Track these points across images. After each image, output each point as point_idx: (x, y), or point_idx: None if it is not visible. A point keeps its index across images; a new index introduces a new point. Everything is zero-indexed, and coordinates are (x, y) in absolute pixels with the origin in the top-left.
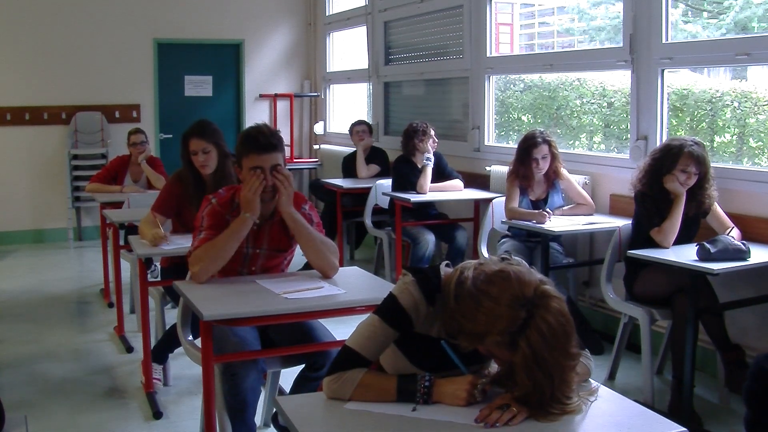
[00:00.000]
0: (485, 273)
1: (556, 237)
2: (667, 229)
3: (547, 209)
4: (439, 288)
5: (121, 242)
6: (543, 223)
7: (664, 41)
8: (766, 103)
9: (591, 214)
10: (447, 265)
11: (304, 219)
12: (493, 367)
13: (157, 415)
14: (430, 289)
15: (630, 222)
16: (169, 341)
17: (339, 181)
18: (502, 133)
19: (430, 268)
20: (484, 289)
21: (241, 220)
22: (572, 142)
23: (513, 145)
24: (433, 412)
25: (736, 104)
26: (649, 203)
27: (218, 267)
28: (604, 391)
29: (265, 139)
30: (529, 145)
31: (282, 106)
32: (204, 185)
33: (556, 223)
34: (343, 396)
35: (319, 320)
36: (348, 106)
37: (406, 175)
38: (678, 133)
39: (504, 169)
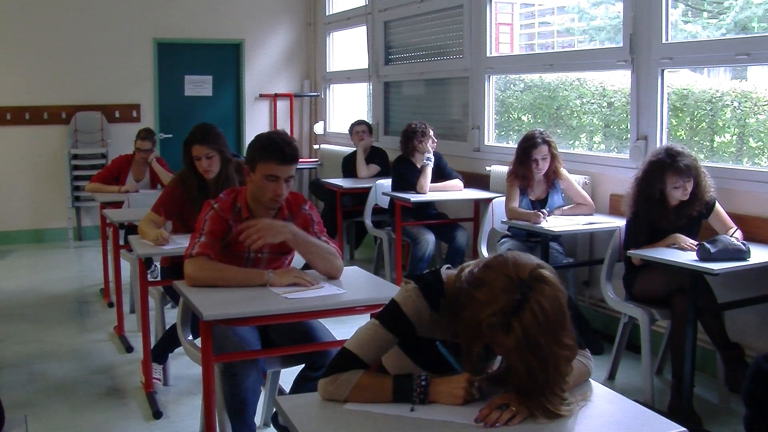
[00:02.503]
0: (482, 262)
1: (556, 237)
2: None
3: (543, 209)
4: (443, 293)
5: (121, 242)
6: (538, 224)
7: (664, 41)
8: (766, 103)
9: (591, 214)
10: (448, 269)
11: (305, 221)
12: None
13: (157, 414)
14: (433, 295)
15: None
16: (169, 341)
17: (339, 181)
18: (502, 133)
19: (431, 274)
20: (480, 276)
21: (261, 277)
22: (572, 142)
23: (513, 145)
24: (432, 411)
25: (736, 104)
26: (644, 223)
27: (211, 286)
28: (604, 391)
29: (291, 151)
30: (528, 145)
31: (282, 105)
32: (206, 188)
33: (556, 223)
34: (338, 398)
35: (319, 320)
36: (348, 106)
37: (405, 175)
38: (678, 134)
39: (504, 169)
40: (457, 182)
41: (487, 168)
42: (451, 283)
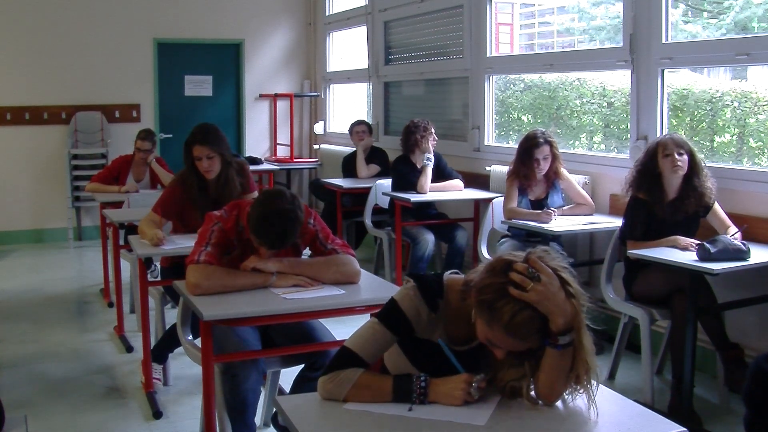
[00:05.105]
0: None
1: (556, 237)
2: (641, 248)
3: (551, 208)
4: (441, 295)
5: (121, 242)
6: (547, 222)
7: (664, 41)
8: (766, 103)
9: (591, 214)
10: (453, 273)
11: (311, 236)
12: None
13: (157, 414)
14: (431, 296)
15: None
16: (169, 341)
17: (339, 181)
18: (502, 133)
19: (433, 275)
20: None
21: (266, 280)
22: (572, 142)
23: (513, 145)
24: (431, 411)
25: (736, 104)
26: (641, 210)
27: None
28: (604, 391)
29: (279, 241)
30: (530, 145)
31: (282, 105)
32: (207, 188)
33: (556, 223)
34: (337, 396)
35: (319, 320)
36: (348, 106)
37: (405, 175)
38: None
39: (504, 169)
40: (457, 182)
41: (487, 168)
42: (453, 287)
